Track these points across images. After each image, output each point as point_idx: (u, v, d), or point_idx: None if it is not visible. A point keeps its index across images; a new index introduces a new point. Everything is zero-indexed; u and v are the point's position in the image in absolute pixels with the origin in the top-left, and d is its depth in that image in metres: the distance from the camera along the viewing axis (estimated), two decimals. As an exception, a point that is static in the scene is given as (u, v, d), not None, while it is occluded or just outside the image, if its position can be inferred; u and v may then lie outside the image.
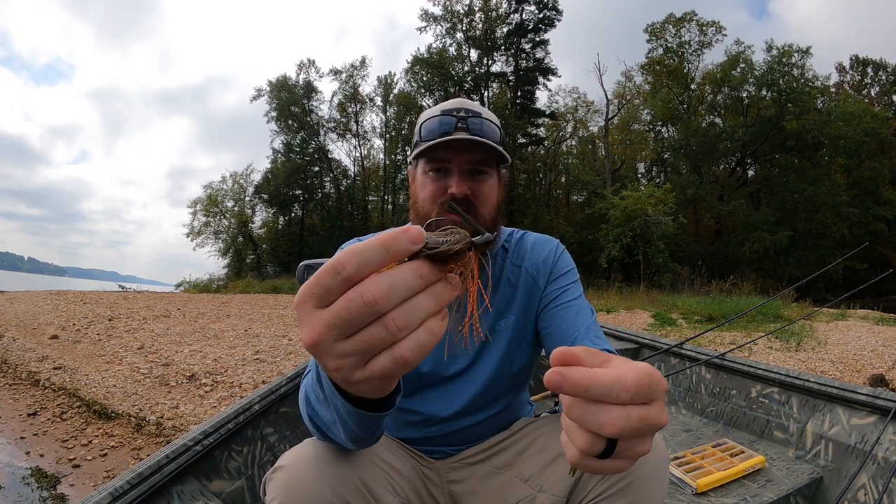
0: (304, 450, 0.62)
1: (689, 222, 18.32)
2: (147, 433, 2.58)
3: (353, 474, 0.60)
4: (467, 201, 0.74)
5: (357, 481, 0.60)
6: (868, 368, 4.12)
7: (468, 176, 0.76)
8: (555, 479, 0.68)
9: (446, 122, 0.75)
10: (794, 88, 18.47)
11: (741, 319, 5.88)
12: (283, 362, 3.92)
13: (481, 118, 0.76)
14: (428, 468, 0.80)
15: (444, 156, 0.75)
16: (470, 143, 0.73)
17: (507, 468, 0.76)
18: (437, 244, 0.30)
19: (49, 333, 4.74)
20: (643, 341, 2.14)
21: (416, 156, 0.78)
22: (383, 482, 0.65)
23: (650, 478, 0.62)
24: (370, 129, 24.46)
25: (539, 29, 20.77)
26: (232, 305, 8.24)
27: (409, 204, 0.84)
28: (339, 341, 0.29)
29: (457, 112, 0.76)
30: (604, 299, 9.83)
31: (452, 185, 0.74)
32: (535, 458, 0.73)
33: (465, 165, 0.75)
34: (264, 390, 1.36)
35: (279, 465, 0.61)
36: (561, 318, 0.79)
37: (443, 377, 0.82)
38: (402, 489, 0.69)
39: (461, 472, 0.80)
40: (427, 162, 0.77)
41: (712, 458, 1.34)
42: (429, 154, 0.76)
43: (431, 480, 0.79)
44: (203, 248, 21.02)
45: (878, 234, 18.36)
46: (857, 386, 1.32)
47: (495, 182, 0.79)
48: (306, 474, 0.58)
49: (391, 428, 0.85)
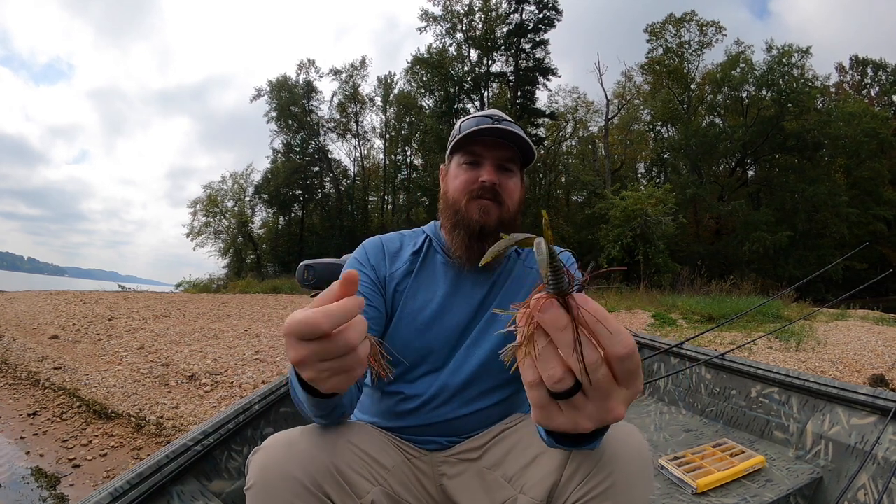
0: (284, 434, 0.66)
1: (689, 222, 18.31)
2: (147, 433, 2.58)
3: (326, 458, 0.63)
4: (494, 190, 0.84)
5: (329, 465, 0.62)
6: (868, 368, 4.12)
7: (498, 170, 0.86)
8: (535, 482, 0.68)
9: (483, 121, 0.85)
10: (794, 88, 18.48)
11: (741, 319, 5.88)
12: (283, 362, 3.93)
13: (512, 124, 0.87)
14: (420, 460, 0.81)
15: (478, 150, 0.86)
16: (501, 141, 0.85)
17: (495, 468, 0.76)
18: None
19: (49, 333, 4.74)
20: (643, 341, 2.14)
21: (453, 150, 0.89)
22: (360, 470, 0.67)
23: (632, 480, 0.62)
24: (370, 129, 24.49)
25: (539, 29, 20.77)
26: (232, 305, 8.24)
27: (440, 197, 0.93)
28: (320, 362, 0.44)
29: (493, 116, 0.87)
30: (604, 299, 9.83)
31: (484, 174, 0.85)
32: (519, 458, 0.73)
33: (495, 160, 0.86)
34: (264, 390, 1.36)
35: (259, 448, 0.64)
36: None
37: (438, 364, 0.84)
38: (385, 480, 0.70)
39: (455, 468, 0.81)
40: (462, 155, 0.87)
41: (712, 458, 1.34)
42: (464, 147, 0.87)
43: (423, 472, 0.80)
44: (203, 248, 21.06)
45: (878, 234, 18.36)
46: (857, 386, 1.32)
47: (519, 181, 0.89)
48: (280, 455, 0.62)
49: (385, 417, 0.85)
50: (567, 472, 0.64)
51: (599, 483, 0.61)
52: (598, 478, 0.62)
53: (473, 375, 0.83)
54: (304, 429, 0.68)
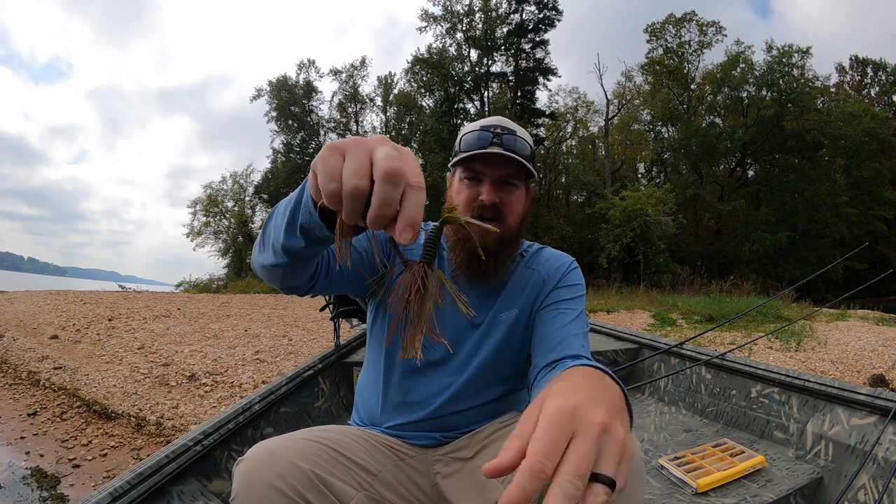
0: (266, 443, 0.66)
1: (689, 222, 18.32)
2: (147, 433, 2.58)
3: (307, 467, 0.63)
4: (495, 209, 0.83)
5: (311, 474, 0.62)
6: (868, 368, 4.13)
7: (498, 186, 0.84)
8: None
9: (483, 136, 0.83)
10: (794, 88, 18.46)
11: (741, 319, 5.88)
12: (283, 362, 3.93)
13: (515, 136, 0.84)
14: (414, 459, 0.82)
15: (478, 167, 0.84)
16: (501, 158, 0.82)
17: None
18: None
19: (49, 333, 4.74)
20: (643, 341, 2.14)
21: (454, 164, 0.87)
22: (343, 476, 0.67)
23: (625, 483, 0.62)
24: (370, 129, 24.44)
25: (539, 29, 20.76)
26: (232, 305, 8.24)
27: (444, 206, 0.90)
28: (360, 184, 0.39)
29: (493, 128, 0.84)
30: (604, 299, 9.83)
31: (483, 192, 0.83)
32: None
33: (496, 177, 0.84)
34: (264, 390, 1.36)
35: (242, 458, 0.64)
36: (555, 320, 0.82)
37: (437, 362, 0.85)
38: (371, 485, 0.71)
39: (449, 467, 0.82)
40: (463, 171, 0.86)
41: (712, 458, 1.34)
42: (465, 164, 0.85)
43: (417, 471, 0.81)
44: (203, 248, 21.05)
45: (878, 234, 18.34)
46: (857, 386, 1.32)
47: (523, 194, 0.87)
48: (262, 465, 0.62)
49: (384, 415, 0.86)
50: None
51: None
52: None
53: (477, 374, 0.84)
54: (286, 437, 0.68)
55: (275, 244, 0.60)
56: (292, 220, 0.55)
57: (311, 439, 0.68)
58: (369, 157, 0.39)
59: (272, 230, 0.61)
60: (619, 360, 2.10)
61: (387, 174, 0.37)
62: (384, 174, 0.37)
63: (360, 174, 0.38)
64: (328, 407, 1.63)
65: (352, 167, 0.38)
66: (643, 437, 1.58)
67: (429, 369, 0.85)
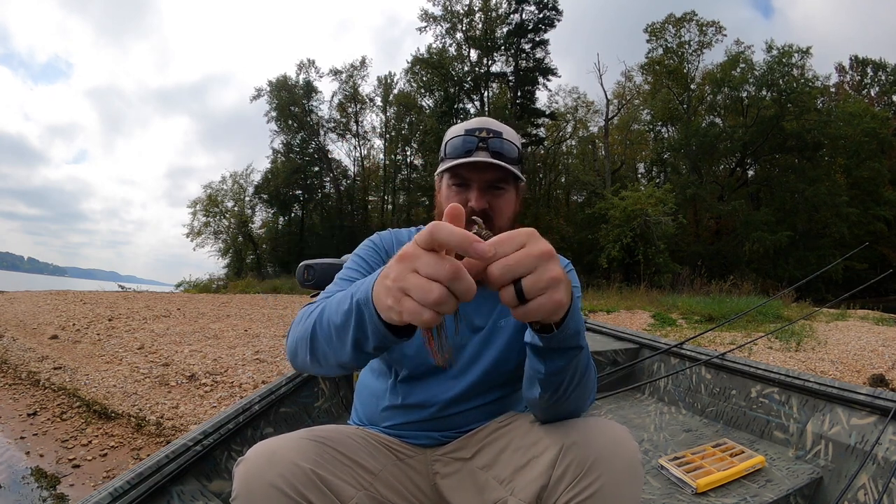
0: (266, 443, 0.65)
1: (689, 222, 18.30)
2: (147, 433, 2.58)
3: (307, 466, 0.62)
4: (485, 214, 0.82)
5: (311, 474, 0.62)
6: (868, 368, 4.13)
7: (487, 191, 0.83)
8: (525, 483, 0.68)
9: (469, 141, 0.82)
10: (794, 88, 18.46)
11: (741, 319, 5.89)
12: (283, 362, 3.93)
13: (502, 138, 0.83)
14: (413, 459, 0.82)
15: (465, 173, 0.83)
16: (488, 164, 0.81)
17: (487, 468, 0.77)
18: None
19: (49, 333, 4.74)
20: (643, 341, 2.14)
21: (441, 171, 0.87)
22: (344, 476, 0.67)
23: (621, 483, 0.62)
24: (370, 129, 24.49)
25: (539, 29, 20.74)
26: (232, 305, 8.24)
27: (435, 211, 0.93)
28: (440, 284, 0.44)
29: (479, 132, 0.83)
30: (604, 299, 9.83)
31: (472, 199, 0.82)
32: (510, 460, 0.74)
33: (483, 182, 0.83)
34: (264, 390, 1.36)
35: (242, 458, 0.64)
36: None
37: (438, 367, 0.84)
38: (371, 484, 0.71)
39: (448, 467, 0.81)
40: (451, 177, 0.85)
41: (712, 458, 1.34)
42: (452, 170, 0.84)
43: (417, 471, 0.81)
44: (203, 248, 21.06)
45: (878, 234, 18.34)
46: (857, 386, 1.32)
47: (512, 196, 0.87)
48: (262, 466, 0.61)
49: (385, 414, 0.86)
50: (555, 475, 0.64)
51: (588, 486, 0.62)
52: (587, 481, 0.62)
53: (477, 379, 0.84)
54: (286, 437, 0.67)
55: (337, 362, 0.64)
56: (357, 345, 0.58)
57: (312, 439, 0.68)
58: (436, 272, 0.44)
59: (329, 352, 0.64)
60: (619, 360, 2.10)
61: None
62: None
63: (443, 300, 0.44)
64: (328, 407, 1.63)
65: (433, 296, 0.44)
66: (643, 437, 1.58)
67: (429, 374, 0.85)
